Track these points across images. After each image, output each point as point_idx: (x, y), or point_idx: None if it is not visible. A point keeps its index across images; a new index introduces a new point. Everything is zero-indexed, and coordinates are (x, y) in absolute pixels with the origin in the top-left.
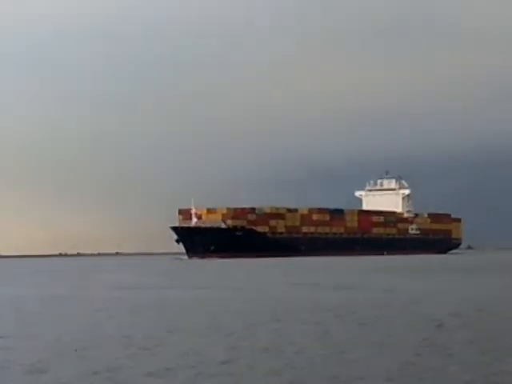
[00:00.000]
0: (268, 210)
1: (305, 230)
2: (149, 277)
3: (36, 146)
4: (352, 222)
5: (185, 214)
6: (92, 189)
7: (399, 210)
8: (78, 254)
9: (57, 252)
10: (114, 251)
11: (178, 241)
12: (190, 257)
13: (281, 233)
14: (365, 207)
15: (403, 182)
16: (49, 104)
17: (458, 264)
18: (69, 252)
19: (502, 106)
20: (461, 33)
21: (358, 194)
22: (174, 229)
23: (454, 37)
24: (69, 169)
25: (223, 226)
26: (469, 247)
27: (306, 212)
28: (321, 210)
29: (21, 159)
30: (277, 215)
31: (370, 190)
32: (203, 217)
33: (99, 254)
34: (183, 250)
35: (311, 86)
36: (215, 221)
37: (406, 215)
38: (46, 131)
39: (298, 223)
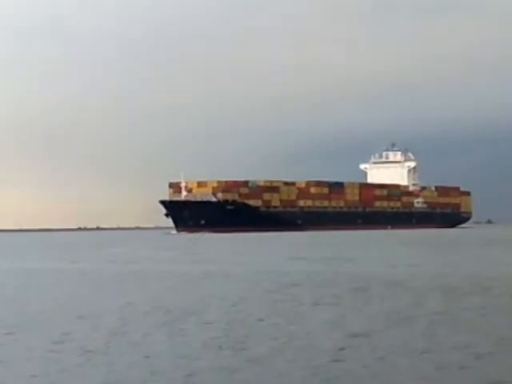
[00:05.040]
0: (262, 183)
1: (301, 203)
2: None
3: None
4: (353, 195)
5: (175, 187)
6: (110, 164)
7: (404, 183)
8: (98, 228)
9: (76, 226)
10: (134, 225)
11: (167, 215)
12: (178, 231)
13: (275, 206)
14: (370, 180)
15: (409, 154)
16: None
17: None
18: (88, 226)
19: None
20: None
21: (362, 166)
22: (163, 203)
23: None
24: (87, 144)
25: (213, 199)
26: (489, 221)
27: (303, 185)
28: (319, 183)
29: (40, 135)
30: (271, 188)
31: (375, 163)
32: (194, 190)
33: (119, 228)
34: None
35: (315, 58)
36: (206, 194)
37: (411, 188)
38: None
39: (294, 197)
